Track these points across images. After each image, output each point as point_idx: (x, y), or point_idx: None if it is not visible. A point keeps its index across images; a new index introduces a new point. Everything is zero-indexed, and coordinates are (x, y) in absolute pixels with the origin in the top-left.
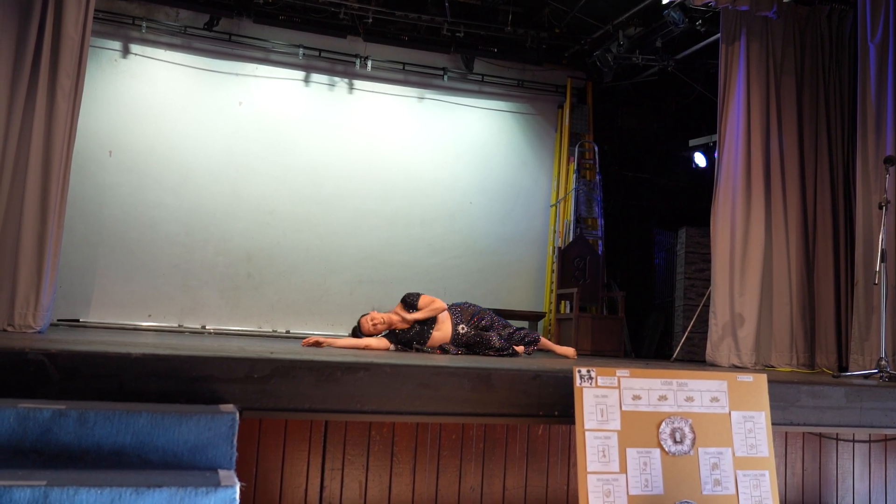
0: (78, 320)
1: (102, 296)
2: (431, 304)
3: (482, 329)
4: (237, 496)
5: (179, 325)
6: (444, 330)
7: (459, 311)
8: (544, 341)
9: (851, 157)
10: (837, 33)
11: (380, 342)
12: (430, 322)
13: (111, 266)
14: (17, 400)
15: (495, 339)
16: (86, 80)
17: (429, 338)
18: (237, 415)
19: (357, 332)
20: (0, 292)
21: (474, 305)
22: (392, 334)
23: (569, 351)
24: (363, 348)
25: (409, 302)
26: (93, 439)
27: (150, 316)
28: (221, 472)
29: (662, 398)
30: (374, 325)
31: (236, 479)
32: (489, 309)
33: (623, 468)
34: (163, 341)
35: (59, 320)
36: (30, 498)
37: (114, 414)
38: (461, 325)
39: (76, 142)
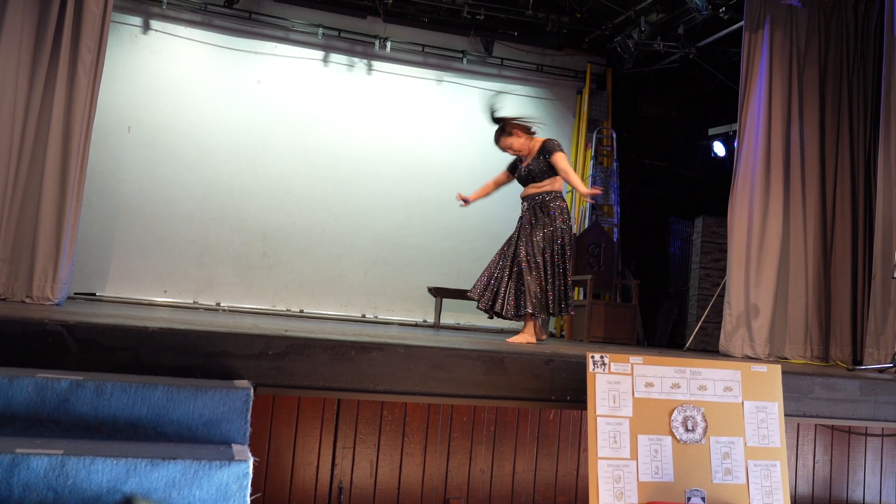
0: (94, 294)
1: (119, 271)
2: (567, 169)
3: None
4: (250, 471)
5: (194, 302)
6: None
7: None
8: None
9: (873, 150)
10: (863, 24)
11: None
12: (546, 171)
13: (128, 241)
14: (35, 370)
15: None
16: (106, 56)
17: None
18: (251, 390)
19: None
20: (19, 264)
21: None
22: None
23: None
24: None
25: (549, 147)
26: (109, 411)
27: (165, 292)
28: (235, 447)
29: (675, 386)
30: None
31: (250, 454)
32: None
33: (634, 455)
34: (179, 317)
35: (75, 293)
36: (47, 466)
37: (130, 386)
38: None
39: (95, 117)
